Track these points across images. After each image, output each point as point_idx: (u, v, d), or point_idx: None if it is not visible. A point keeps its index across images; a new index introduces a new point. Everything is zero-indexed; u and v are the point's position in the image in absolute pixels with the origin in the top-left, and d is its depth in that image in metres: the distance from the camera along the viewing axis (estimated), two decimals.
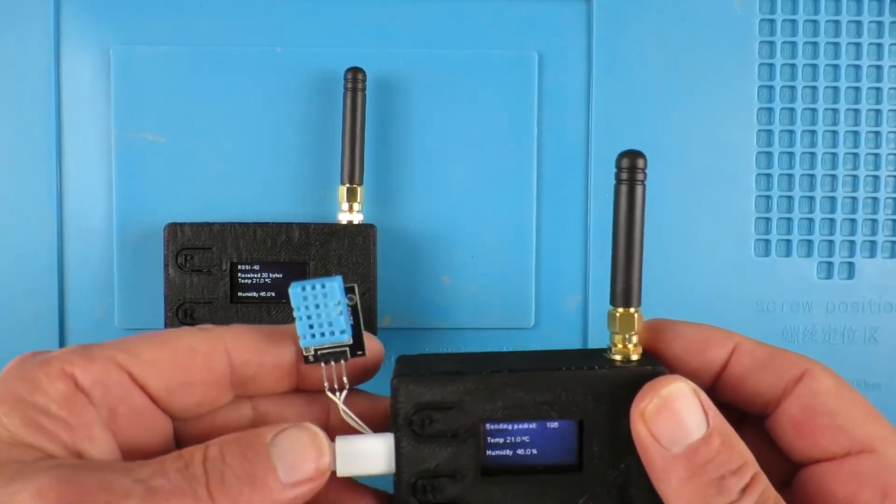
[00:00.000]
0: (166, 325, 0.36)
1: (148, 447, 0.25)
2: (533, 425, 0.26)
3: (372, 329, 0.36)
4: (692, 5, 0.39)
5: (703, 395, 0.24)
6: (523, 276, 0.39)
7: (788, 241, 0.40)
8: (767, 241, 0.39)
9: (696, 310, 0.39)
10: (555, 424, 0.26)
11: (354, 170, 0.37)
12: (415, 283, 0.39)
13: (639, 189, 0.25)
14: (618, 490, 0.25)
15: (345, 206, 0.37)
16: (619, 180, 0.25)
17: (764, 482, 0.23)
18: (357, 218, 0.37)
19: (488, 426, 0.26)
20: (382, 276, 0.38)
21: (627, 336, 0.26)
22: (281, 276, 0.37)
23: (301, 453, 0.23)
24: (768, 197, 0.39)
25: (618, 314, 0.26)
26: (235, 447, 0.23)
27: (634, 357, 0.26)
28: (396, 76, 0.38)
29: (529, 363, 0.26)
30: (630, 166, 0.25)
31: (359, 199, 0.37)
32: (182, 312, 0.36)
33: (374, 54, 0.38)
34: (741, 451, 0.24)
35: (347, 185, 0.37)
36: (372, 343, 0.27)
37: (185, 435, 0.27)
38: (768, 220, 0.39)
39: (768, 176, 0.39)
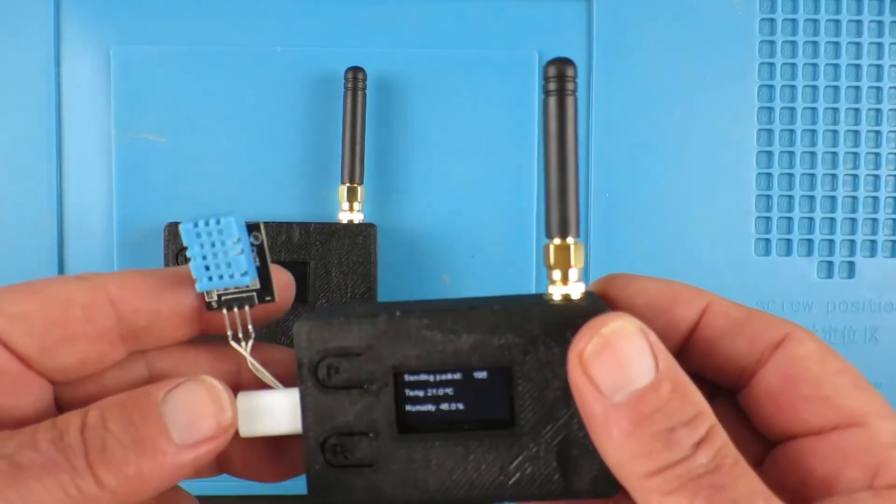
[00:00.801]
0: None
1: (22, 417, 0.22)
2: (457, 375, 0.22)
3: None
4: (692, 5, 0.39)
5: (653, 336, 0.20)
6: (523, 276, 0.39)
7: (789, 241, 0.40)
8: (768, 241, 0.39)
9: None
10: (483, 374, 0.22)
11: (354, 169, 0.37)
12: (415, 283, 0.39)
13: (569, 100, 0.22)
14: (557, 448, 0.22)
15: (345, 205, 0.37)
16: (546, 92, 0.22)
17: (722, 437, 0.20)
18: (357, 217, 0.37)
19: (406, 377, 0.22)
20: (382, 275, 0.38)
21: (565, 271, 0.22)
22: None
23: (198, 409, 0.21)
24: (768, 196, 0.39)
25: (553, 246, 0.22)
26: (119, 410, 0.20)
27: (575, 296, 0.22)
28: (396, 76, 0.38)
29: (451, 305, 0.23)
30: (558, 74, 0.22)
31: (359, 199, 0.37)
32: None
33: (374, 54, 0.38)
34: (695, 401, 0.20)
35: (347, 185, 0.37)
36: (281, 276, 0.24)
37: (68, 401, 0.23)
38: (768, 219, 0.39)
39: (768, 175, 0.39)
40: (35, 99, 0.38)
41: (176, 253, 0.36)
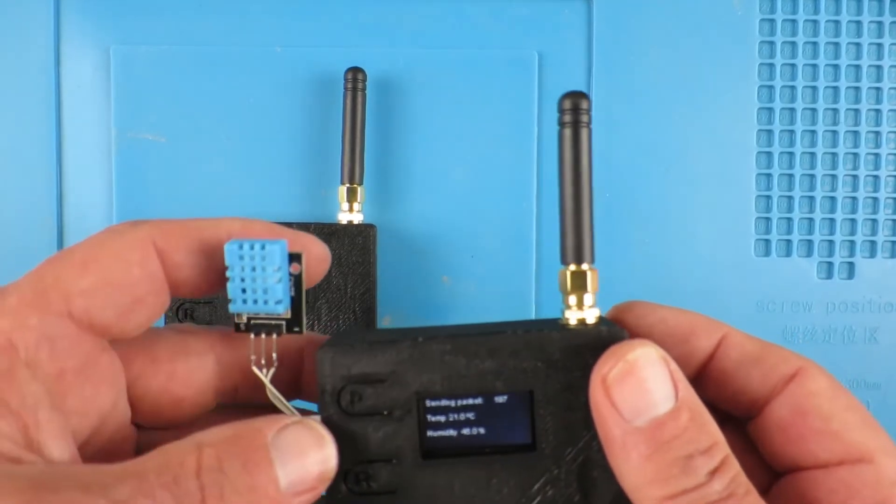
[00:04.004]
0: (166, 325, 0.36)
1: (100, 409, 0.22)
2: (478, 400, 0.23)
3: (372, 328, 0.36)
4: (692, 5, 0.39)
5: (674, 365, 0.21)
6: (523, 276, 0.39)
7: (788, 241, 0.40)
8: (767, 241, 0.39)
9: (696, 309, 0.39)
10: (503, 399, 0.23)
11: (354, 170, 0.37)
12: (415, 283, 0.39)
13: (584, 132, 0.22)
14: (578, 471, 0.22)
15: (345, 206, 0.37)
16: (561, 124, 0.23)
17: (736, 467, 0.21)
18: (357, 218, 0.37)
19: (428, 402, 0.23)
20: (382, 276, 0.38)
21: (580, 297, 0.23)
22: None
23: (305, 457, 0.20)
24: (768, 197, 0.39)
25: (569, 272, 0.23)
26: (234, 451, 0.19)
27: (590, 320, 0.23)
28: (396, 76, 0.38)
29: (472, 329, 0.23)
30: (573, 107, 0.22)
31: (359, 199, 0.37)
32: (182, 312, 0.36)
33: (374, 54, 0.38)
34: (712, 431, 0.21)
35: (347, 185, 0.37)
36: (317, 247, 0.24)
37: (140, 391, 0.23)
38: (768, 219, 0.39)
39: (768, 176, 0.39)
40: (35, 99, 0.38)
41: None
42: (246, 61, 0.38)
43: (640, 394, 0.21)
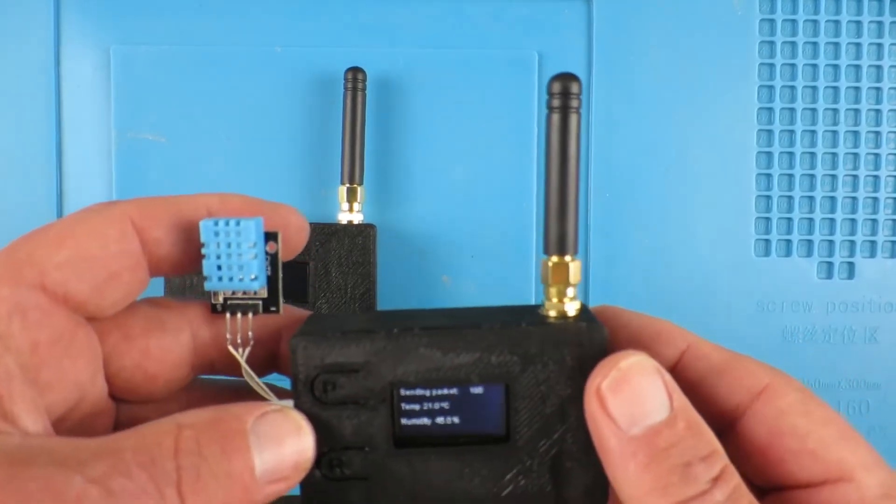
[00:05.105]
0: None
1: (77, 381, 0.21)
2: (453, 390, 0.22)
3: None
4: (692, 5, 0.39)
5: (667, 376, 0.21)
6: (523, 276, 0.39)
7: (788, 241, 0.40)
8: (767, 241, 0.39)
9: (697, 309, 0.39)
10: (478, 389, 0.22)
11: (354, 170, 0.37)
12: (415, 283, 0.39)
13: (573, 118, 0.22)
14: (551, 463, 0.22)
15: (345, 206, 0.37)
16: (550, 108, 0.22)
17: (736, 477, 0.20)
18: (357, 218, 0.37)
19: (402, 391, 0.22)
20: (382, 276, 0.38)
21: (562, 289, 0.22)
22: (282, 276, 0.37)
23: (283, 446, 0.20)
24: (768, 197, 0.39)
25: (551, 263, 0.22)
26: (213, 435, 0.19)
27: (571, 313, 0.23)
28: (396, 76, 0.38)
29: (449, 320, 0.23)
30: (563, 91, 0.22)
31: (359, 199, 0.37)
32: None
33: (374, 54, 0.38)
34: (709, 439, 0.21)
35: (347, 185, 0.37)
36: (295, 218, 0.24)
37: (115, 367, 0.23)
38: (768, 219, 0.39)
39: (768, 176, 0.39)
40: (35, 99, 0.38)
41: None
42: (246, 61, 0.38)
43: (634, 402, 0.20)
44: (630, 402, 0.20)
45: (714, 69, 0.39)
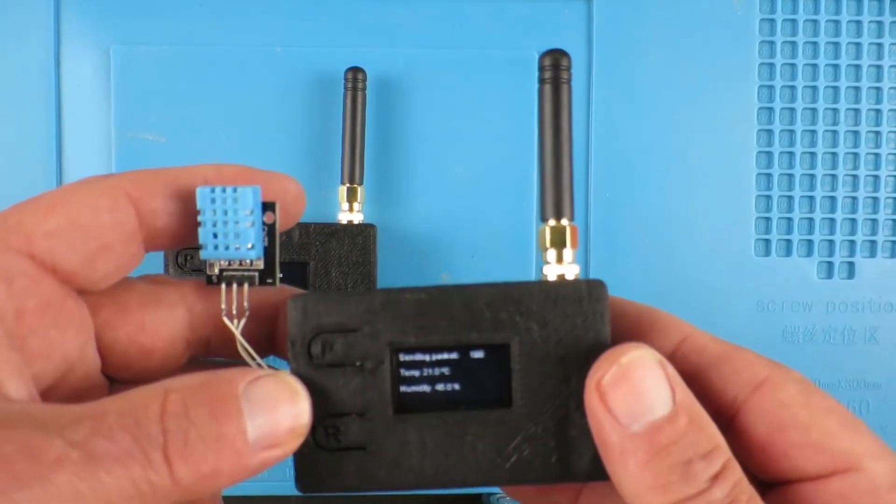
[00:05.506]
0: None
1: (66, 353, 0.21)
2: (454, 355, 0.22)
3: None
4: (692, 5, 0.39)
5: (671, 368, 0.20)
6: (523, 275, 0.39)
7: (788, 241, 0.40)
8: (767, 241, 0.39)
9: (697, 309, 0.39)
10: (479, 354, 0.22)
11: (354, 170, 0.37)
12: (415, 283, 0.39)
13: (564, 88, 0.22)
14: (555, 429, 0.22)
15: (345, 206, 0.37)
16: (541, 81, 0.23)
17: (738, 472, 0.20)
18: (357, 218, 0.37)
19: (402, 357, 0.22)
20: (382, 276, 0.38)
21: (560, 252, 0.23)
22: (281, 276, 0.37)
23: (277, 410, 0.19)
24: (768, 197, 0.39)
25: (548, 227, 0.23)
26: (202, 399, 0.19)
27: (570, 276, 0.23)
28: (396, 76, 0.38)
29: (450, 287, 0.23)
30: (553, 64, 0.22)
31: (359, 199, 0.37)
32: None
33: (374, 54, 0.38)
34: (711, 434, 0.20)
35: (347, 185, 0.37)
36: (291, 185, 0.24)
37: (108, 340, 0.22)
38: (768, 219, 0.39)
39: (768, 175, 0.39)
40: (35, 99, 0.38)
41: (176, 254, 0.36)
42: (246, 61, 0.38)
43: (635, 398, 0.20)
44: (631, 398, 0.20)
45: (714, 69, 0.39)
